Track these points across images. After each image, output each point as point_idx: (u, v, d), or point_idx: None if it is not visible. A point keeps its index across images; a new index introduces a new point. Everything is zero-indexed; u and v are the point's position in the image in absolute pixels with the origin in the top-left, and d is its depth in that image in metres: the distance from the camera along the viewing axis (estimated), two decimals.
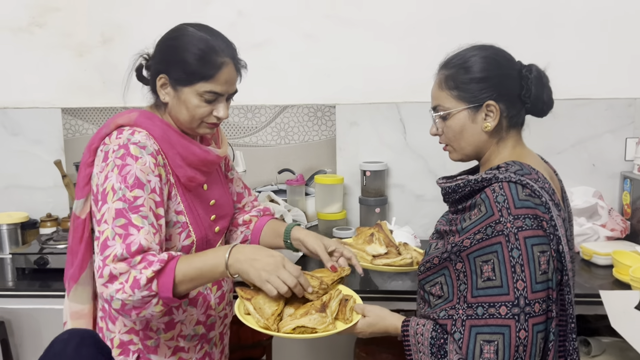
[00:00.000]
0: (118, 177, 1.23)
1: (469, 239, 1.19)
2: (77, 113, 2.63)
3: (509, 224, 1.14)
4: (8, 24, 2.59)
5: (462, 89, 1.28)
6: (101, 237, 1.20)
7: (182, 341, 1.39)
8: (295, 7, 2.50)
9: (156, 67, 1.37)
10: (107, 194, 1.23)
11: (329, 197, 2.45)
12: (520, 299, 1.12)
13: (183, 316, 1.39)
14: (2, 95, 2.65)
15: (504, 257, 1.14)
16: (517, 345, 1.12)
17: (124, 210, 1.21)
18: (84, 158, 1.35)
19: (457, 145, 1.33)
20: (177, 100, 1.34)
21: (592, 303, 1.81)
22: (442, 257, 1.26)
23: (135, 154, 1.26)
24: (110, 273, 1.16)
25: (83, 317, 1.41)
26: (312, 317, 1.27)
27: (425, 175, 2.53)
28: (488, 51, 1.31)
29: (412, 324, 1.28)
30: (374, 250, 1.68)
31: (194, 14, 2.51)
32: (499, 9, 2.42)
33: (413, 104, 2.48)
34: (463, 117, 1.29)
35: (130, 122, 1.33)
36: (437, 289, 1.28)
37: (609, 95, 2.44)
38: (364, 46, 2.50)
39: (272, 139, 2.59)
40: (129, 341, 1.38)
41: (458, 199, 1.31)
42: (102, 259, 1.18)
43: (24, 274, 2.11)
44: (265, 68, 2.52)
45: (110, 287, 1.16)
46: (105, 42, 2.59)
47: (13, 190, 2.68)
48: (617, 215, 2.31)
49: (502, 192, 1.17)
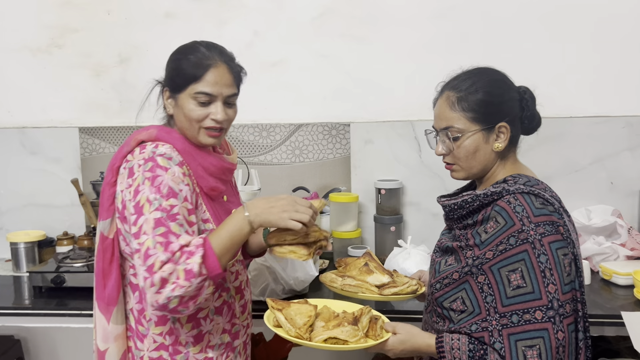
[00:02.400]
0: (152, 189, 1.26)
1: (491, 251, 1.23)
2: (94, 132, 2.66)
3: (532, 232, 1.19)
4: (28, 44, 2.64)
5: (477, 111, 1.32)
6: (142, 249, 1.22)
7: (210, 352, 1.40)
8: (310, 26, 2.52)
9: (163, 82, 1.45)
10: (143, 206, 1.25)
11: (344, 216, 2.44)
12: (554, 302, 1.17)
13: (210, 326, 1.40)
14: (21, 114, 2.69)
15: (532, 263, 1.18)
16: (557, 347, 1.16)
17: (162, 219, 1.24)
18: (107, 178, 1.37)
19: (465, 165, 1.36)
20: (177, 108, 1.39)
21: (613, 324, 1.78)
22: (463, 272, 1.28)
23: (164, 165, 1.30)
24: (160, 278, 1.19)
25: (121, 338, 1.41)
26: (344, 329, 1.30)
27: (441, 193, 2.48)
28: (496, 74, 1.37)
29: (447, 339, 1.28)
30: (377, 280, 1.58)
31: (210, 34, 2.52)
32: (513, 28, 2.42)
33: (428, 121, 2.46)
34: (477, 139, 1.33)
35: (152, 137, 1.36)
36: (459, 303, 1.29)
37: (627, 112, 2.41)
38: (378, 64, 2.51)
39: (287, 157, 2.59)
40: (158, 358, 1.38)
41: (465, 214, 1.34)
42: (147, 268, 1.20)
43: (40, 292, 2.12)
44: (280, 87, 2.54)
45: (165, 290, 1.19)
46: (122, 62, 2.62)
47: (31, 209, 2.71)
48: (637, 234, 2.27)
49: (519, 203, 1.22)
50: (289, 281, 1.93)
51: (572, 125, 2.38)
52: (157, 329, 1.37)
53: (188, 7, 2.56)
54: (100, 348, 1.39)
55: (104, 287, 1.37)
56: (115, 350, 1.39)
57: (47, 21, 2.62)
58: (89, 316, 1.97)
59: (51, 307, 2.01)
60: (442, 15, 2.45)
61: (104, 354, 1.39)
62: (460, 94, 1.34)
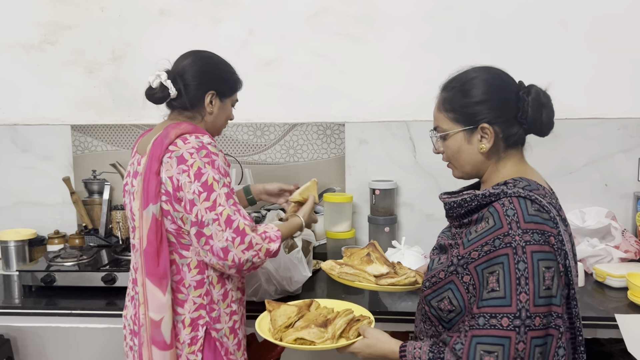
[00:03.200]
0: (214, 170, 1.52)
1: (476, 250, 1.21)
2: (86, 130, 2.64)
3: (518, 237, 1.16)
4: (20, 41, 2.62)
5: (457, 112, 1.32)
6: (222, 217, 1.49)
7: (233, 305, 1.66)
8: (305, 25, 2.51)
9: (203, 86, 1.65)
10: (212, 184, 1.51)
11: (338, 216, 2.43)
12: (522, 312, 1.14)
13: (231, 284, 1.65)
14: (12, 111, 2.67)
15: (510, 268, 1.16)
16: (515, 358, 1.13)
17: (229, 193, 1.53)
18: (154, 167, 1.54)
19: (456, 164, 1.38)
20: (222, 110, 1.70)
21: (606, 327, 1.78)
22: (449, 271, 1.27)
23: (214, 152, 1.55)
24: (251, 241, 1.50)
25: (171, 307, 1.58)
26: (311, 330, 1.41)
27: (436, 194, 2.47)
28: (486, 74, 1.33)
29: (409, 348, 1.29)
30: (375, 270, 1.63)
31: (204, 32, 2.53)
32: (508, 28, 2.42)
33: (423, 122, 2.47)
34: (459, 139, 1.33)
35: (188, 131, 1.58)
36: (446, 303, 1.27)
37: (622, 114, 2.42)
38: (374, 64, 2.50)
39: (281, 156, 2.58)
40: (198, 317, 1.59)
41: (463, 213, 1.33)
42: (234, 230, 1.49)
43: (30, 291, 2.10)
44: (274, 86, 2.53)
45: (248, 254, 1.49)
46: (115, 59, 2.60)
47: (21, 207, 2.69)
48: (630, 237, 2.27)
49: (512, 207, 1.20)
50: (282, 282, 1.92)
51: (566, 126, 2.38)
52: (197, 292, 1.59)
53: (182, 4, 2.54)
54: (155, 319, 1.56)
55: (157, 264, 1.55)
56: (168, 319, 1.56)
57: (39, 18, 2.59)
58: (79, 316, 1.96)
59: (41, 307, 1.99)
60: (438, 15, 2.44)
61: (159, 324, 1.56)
62: (446, 94, 1.35)
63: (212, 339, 1.61)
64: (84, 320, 1.97)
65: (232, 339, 1.65)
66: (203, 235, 1.50)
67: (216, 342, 1.62)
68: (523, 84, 1.34)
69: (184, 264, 1.58)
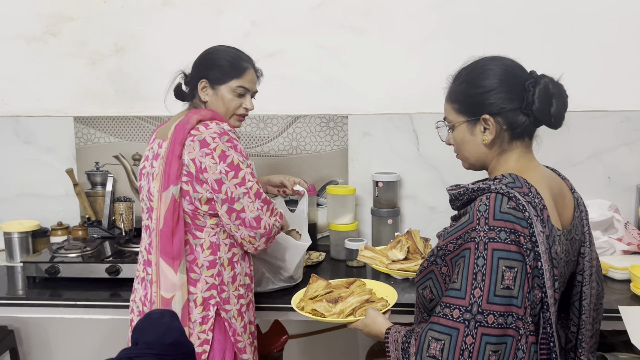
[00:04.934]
0: (237, 153, 1.62)
1: (452, 243, 1.23)
2: (89, 122, 2.63)
3: (482, 233, 1.16)
4: (23, 32, 2.61)
5: (461, 103, 1.32)
6: (251, 191, 1.62)
7: (241, 289, 1.73)
8: (308, 17, 2.50)
9: (196, 75, 1.74)
10: (238, 164, 1.61)
11: (341, 208, 2.44)
12: (474, 306, 1.14)
13: (240, 268, 1.72)
14: (15, 103, 2.66)
15: (469, 263, 1.16)
16: (462, 350, 1.13)
17: (253, 173, 1.65)
18: (177, 151, 1.61)
19: (462, 156, 1.38)
20: (216, 97, 1.73)
21: (609, 318, 1.78)
22: (430, 261, 1.30)
23: (234, 137, 1.64)
24: (274, 208, 1.67)
25: (184, 287, 1.65)
26: (322, 304, 1.55)
27: (438, 186, 2.51)
28: (494, 64, 1.31)
29: (392, 331, 1.34)
30: (393, 255, 1.80)
31: (207, 24, 2.52)
32: (514, 20, 2.41)
33: (426, 114, 2.47)
34: (463, 130, 1.33)
35: (208, 117, 1.66)
36: (428, 292, 1.31)
37: (626, 107, 2.41)
38: (377, 56, 2.50)
39: (284, 149, 2.58)
40: (210, 296, 1.66)
41: (459, 205, 1.34)
42: (263, 200, 1.64)
43: (34, 282, 2.11)
44: (278, 78, 2.52)
45: (273, 218, 1.66)
46: (118, 51, 2.60)
47: (24, 199, 2.69)
48: (633, 229, 2.27)
49: (486, 202, 1.19)
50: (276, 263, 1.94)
51: (570, 119, 2.35)
52: (209, 272, 1.66)
53: None
54: (166, 297, 1.63)
55: (172, 243, 1.62)
56: (179, 297, 1.63)
57: (42, 9, 2.58)
58: (83, 307, 1.97)
59: (45, 298, 1.99)
60: (442, 7, 2.43)
61: (169, 301, 1.63)
62: (454, 85, 1.35)
63: (221, 319, 1.68)
64: (88, 312, 1.98)
65: (239, 321, 1.71)
66: (234, 211, 1.61)
67: (225, 322, 1.68)
68: (534, 74, 1.30)
69: (197, 245, 1.65)
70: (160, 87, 1.82)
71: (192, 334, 1.64)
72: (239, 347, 1.70)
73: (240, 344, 1.70)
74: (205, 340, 1.65)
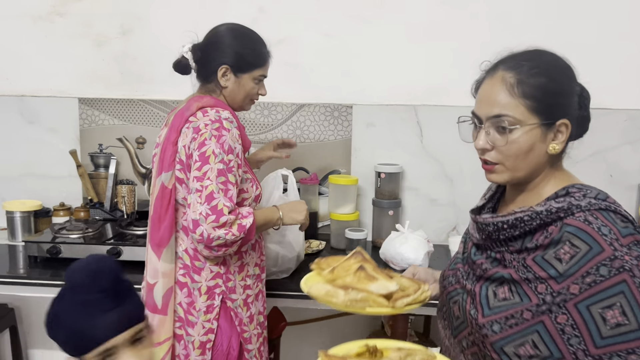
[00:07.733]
0: (217, 145, 1.54)
1: (576, 284, 1.00)
2: (93, 103, 2.63)
3: (627, 257, 0.98)
4: (29, 11, 2.60)
5: (539, 101, 1.07)
6: (205, 191, 1.52)
7: (248, 280, 1.71)
8: (316, 5, 2.49)
9: (217, 59, 1.68)
10: (209, 157, 1.53)
11: (343, 198, 2.44)
12: None
13: (248, 259, 1.72)
14: (20, 82, 2.66)
15: (634, 295, 0.97)
16: None
17: (224, 170, 1.54)
18: (172, 137, 1.61)
19: (512, 165, 1.10)
20: (238, 85, 1.70)
21: None
22: (539, 311, 1.03)
23: (227, 127, 1.58)
24: (226, 222, 1.51)
25: (170, 275, 1.64)
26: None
27: (441, 179, 2.51)
28: (558, 59, 1.13)
29: None
30: (383, 288, 1.22)
31: (214, 9, 2.51)
32: (518, 13, 2.39)
33: (431, 107, 2.46)
34: (535, 134, 1.08)
35: (210, 104, 1.64)
36: (528, 348, 1.04)
37: (629, 106, 2.40)
38: (384, 47, 2.49)
39: (288, 137, 2.58)
40: (215, 285, 1.65)
41: (517, 235, 1.10)
42: (211, 208, 1.51)
43: (35, 262, 2.12)
44: (283, 65, 2.49)
45: (221, 231, 1.51)
46: (124, 33, 2.59)
47: (27, 179, 2.70)
48: None
49: (602, 223, 1.01)
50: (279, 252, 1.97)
51: None
52: (214, 260, 1.63)
53: None
54: (150, 282, 1.64)
55: (158, 229, 1.62)
56: (162, 285, 1.62)
57: None
58: None
59: (46, 277, 2.01)
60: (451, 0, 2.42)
61: (152, 287, 1.63)
62: (521, 76, 1.08)
63: (227, 308, 1.67)
64: None
65: (245, 311, 1.71)
66: (187, 202, 1.58)
67: (231, 312, 1.67)
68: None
69: None
70: (166, 70, 1.81)
71: (197, 323, 1.63)
72: (244, 337, 1.70)
73: (246, 334, 1.70)
74: (210, 329, 1.64)
